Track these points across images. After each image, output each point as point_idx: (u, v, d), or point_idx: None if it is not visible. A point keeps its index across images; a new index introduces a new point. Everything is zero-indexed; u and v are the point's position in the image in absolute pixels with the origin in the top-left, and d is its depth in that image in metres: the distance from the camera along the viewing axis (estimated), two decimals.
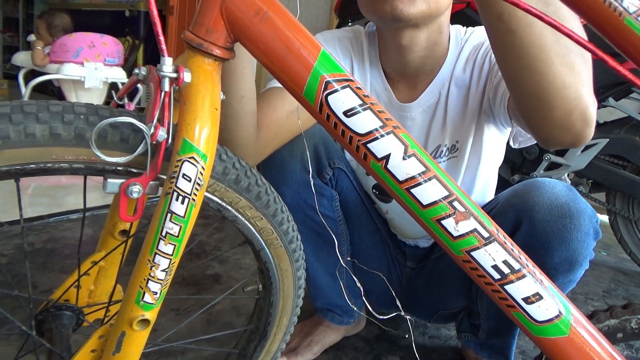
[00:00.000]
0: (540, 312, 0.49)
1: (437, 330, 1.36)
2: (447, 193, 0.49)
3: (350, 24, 2.26)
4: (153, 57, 4.09)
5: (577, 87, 0.62)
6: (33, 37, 3.13)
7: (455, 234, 0.49)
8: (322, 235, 1.04)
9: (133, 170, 0.52)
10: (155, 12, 0.46)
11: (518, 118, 0.76)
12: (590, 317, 0.59)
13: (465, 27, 0.96)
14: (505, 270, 0.49)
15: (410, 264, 1.18)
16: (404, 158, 0.48)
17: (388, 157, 0.49)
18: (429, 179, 0.49)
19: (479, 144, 0.96)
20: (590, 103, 0.64)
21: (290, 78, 0.49)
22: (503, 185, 2.02)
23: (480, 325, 1.10)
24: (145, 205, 0.52)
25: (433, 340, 1.31)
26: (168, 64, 0.46)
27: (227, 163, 0.58)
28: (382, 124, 0.49)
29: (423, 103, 0.95)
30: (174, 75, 0.47)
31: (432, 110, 0.96)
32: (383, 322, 1.34)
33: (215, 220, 1.87)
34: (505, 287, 0.49)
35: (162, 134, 0.48)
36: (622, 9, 0.43)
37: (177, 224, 0.50)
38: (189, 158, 0.48)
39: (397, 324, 1.36)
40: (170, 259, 0.51)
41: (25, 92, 2.94)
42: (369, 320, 1.34)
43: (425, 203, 0.49)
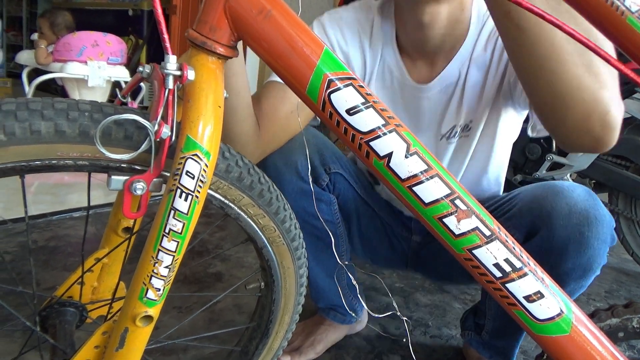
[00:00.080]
0: (542, 310, 0.49)
1: (438, 330, 1.36)
2: (449, 191, 0.49)
3: None
4: (156, 56, 4.10)
5: (594, 89, 0.59)
6: (36, 36, 3.14)
7: (457, 232, 0.49)
8: (321, 240, 1.04)
9: (137, 168, 0.52)
10: (160, 10, 0.46)
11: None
12: (592, 316, 0.59)
13: None
14: (507, 269, 0.49)
15: (417, 238, 1.15)
16: (406, 156, 0.49)
17: (390, 155, 0.49)
18: (431, 177, 0.49)
19: (494, 125, 0.93)
20: (612, 106, 0.60)
21: (293, 76, 0.49)
22: (505, 186, 2.02)
23: (485, 325, 1.10)
24: (149, 204, 0.53)
25: (434, 340, 1.31)
26: (172, 62, 0.47)
27: (230, 161, 0.58)
28: (384, 122, 0.49)
29: (442, 82, 0.93)
30: (178, 73, 0.47)
31: (450, 90, 0.93)
32: (382, 324, 1.35)
33: (218, 219, 1.88)
34: (507, 285, 0.49)
35: (165, 131, 0.48)
36: (624, 8, 0.43)
37: (180, 221, 0.50)
38: (193, 155, 0.48)
39: (398, 323, 1.36)
40: (174, 256, 0.52)
41: (29, 90, 2.95)
42: (371, 319, 1.34)
43: (427, 201, 0.49)
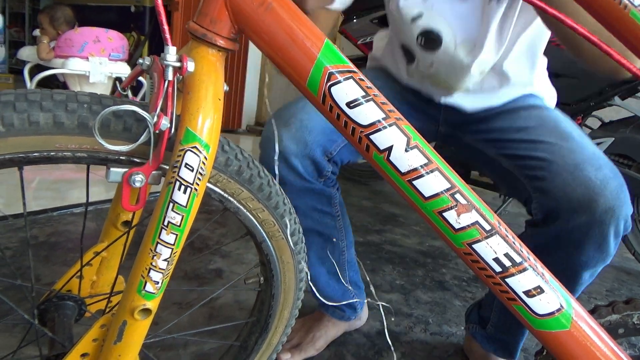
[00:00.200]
0: (542, 305, 0.49)
1: (438, 327, 1.36)
2: (449, 185, 0.49)
3: (355, 20, 2.26)
4: (158, 53, 4.08)
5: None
6: (38, 32, 3.14)
7: (457, 227, 0.49)
8: (322, 235, 1.04)
9: (136, 160, 0.52)
10: (160, 1, 0.46)
11: None
12: (592, 312, 0.58)
13: None
14: (507, 263, 0.49)
15: (443, 129, 1.07)
16: (407, 150, 0.48)
17: (390, 148, 0.48)
18: (431, 171, 0.49)
19: None
20: None
21: (294, 69, 0.49)
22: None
23: (491, 318, 1.10)
24: (148, 200, 0.52)
25: (435, 337, 1.31)
26: (172, 53, 0.47)
27: (229, 154, 0.58)
28: (384, 116, 0.48)
29: None
30: (178, 65, 0.47)
31: None
32: (381, 321, 1.34)
33: (217, 217, 1.88)
34: (507, 280, 0.49)
35: (164, 123, 0.48)
36: (627, 2, 0.43)
37: (179, 214, 0.50)
38: (192, 148, 0.48)
39: (399, 320, 1.36)
40: (172, 249, 0.51)
41: (31, 86, 2.95)
42: (371, 317, 1.34)
43: (427, 195, 0.49)
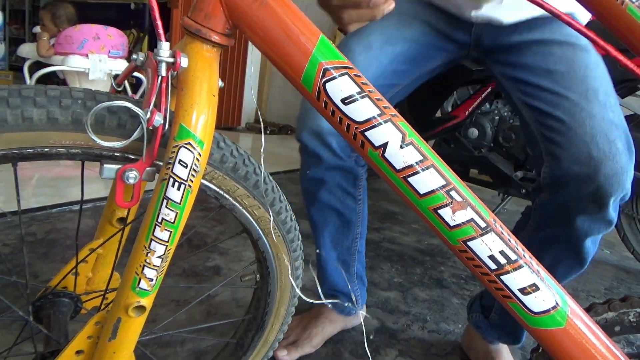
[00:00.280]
0: (537, 303, 0.49)
1: (436, 325, 1.36)
2: (444, 182, 0.48)
3: None
4: None
5: None
6: (38, 28, 3.13)
7: (452, 224, 0.49)
8: (341, 215, 1.05)
9: (130, 156, 0.52)
10: None
11: None
12: (588, 309, 0.58)
13: None
14: (502, 261, 0.48)
15: (474, 54, 1.01)
16: (402, 146, 0.48)
17: (385, 145, 0.48)
18: (427, 168, 0.48)
19: None
20: None
21: (289, 65, 0.49)
22: (505, 183, 2.01)
23: (494, 306, 1.10)
24: (144, 196, 0.52)
25: (432, 335, 1.31)
26: (165, 49, 0.46)
27: (225, 151, 0.57)
28: (380, 112, 0.48)
29: None
30: (171, 60, 0.46)
31: None
32: (380, 319, 1.34)
33: (217, 214, 1.87)
34: (502, 277, 0.49)
35: (158, 119, 0.48)
36: None
37: (173, 210, 0.50)
38: (186, 144, 0.48)
39: (396, 318, 1.36)
40: (166, 246, 0.51)
41: (30, 83, 2.94)
42: (368, 312, 1.34)
43: (423, 192, 0.49)
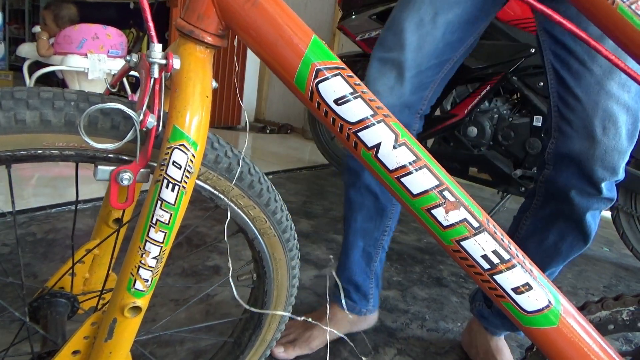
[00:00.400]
0: (530, 302, 0.49)
1: (435, 323, 1.36)
2: (437, 182, 0.49)
3: (354, 16, 2.25)
4: None
5: None
6: (38, 28, 3.13)
7: (445, 224, 0.49)
8: (377, 200, 1.06)
9: (124, 158, 0.52)
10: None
11: None
12: (582, 308, 0.58)
13: None
14: (495, 260, 0.48)
15: None
16: (395, 147, 0.48)
17: (378, 145, 0.48)
18: (420, 168, 0.48)
19: None
20: None
21: (282, 65, 0.49)
22: (504, 181, 2.01)
23: None
24: (140, 197, 0.52)
25: (431, 333, 1.31)
26: (157, 51, 0.46)
27: (219, 151, 0.57)
28: (372, 113, 0.48)
29: None
30: (163, 62, 0.47)
31: None
32: (380, 318, 1.35)
33: (215, 212, 1.88)
34: (495, 277, 0.49)
35: (151, 121, 0.48)
36: None
37: (167, 212, 0.50)
38: (179, 145, 0.48)
39: (395, 317, 1.36)
40: (161, 247, 0.51)
41: (30, 83, 2.95)
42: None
43: (416, 192, 0.49)
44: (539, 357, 0.60)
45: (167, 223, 0.50)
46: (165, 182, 0.49)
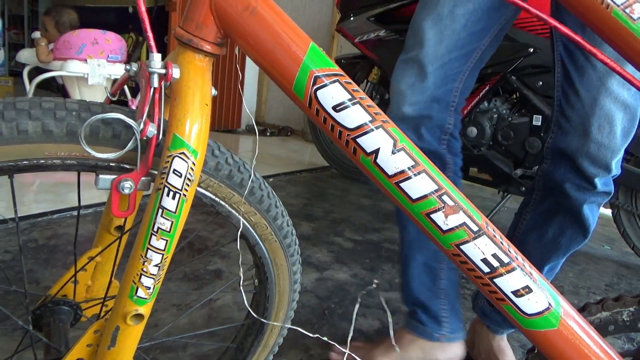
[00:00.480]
0: (530, 305, 0.49)
1: None
2: (436, 187, 0.49)
3: (352, 18, 2.26)
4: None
5: None
6: (38, 34, 3.14)
7: (445, 228, 0.49)
8: None
9: (126, 166, 0.53)
10: (144, 8, 0.46)
11: None
12: (582, 309, 0.59)
13: None
14: (495, 264, 0.49)
15: None
16: (393, 152, 0.49)
17: (377, 151, 0.49)
18: (419, 173, 0.49)
19: None
20: None
21: (280, 73, 0.49)
22: (505, 181, 2.01)
23: None
24: (142, 205, 0.53)
25: None
26: (157, 60, 0.47)
27: (219, 159, 0.58)
28: (371, 119, 0.49)
29: None
30: (163, 71, 0.47)
31: None
32: (380, 318, 1.34)
33: (217, 218, 1.88)
34: (495, 280, 0.49)
35: (151, 130, 0.48)
36: (609, 1, 0.43)
37: (168, 220, 0.50)
38: (180, 154, 0.48)
39: (398, 319, 1.36)
40: (163, 254, 0.52)
41: (30, 89, 2.96)
42: (370, 314, 1.34)
43: (415, 197, 0.49)
44: (540, 359, 0.60)
45: (168, 231, 0.51)
46: (166, 190, 0.49)
